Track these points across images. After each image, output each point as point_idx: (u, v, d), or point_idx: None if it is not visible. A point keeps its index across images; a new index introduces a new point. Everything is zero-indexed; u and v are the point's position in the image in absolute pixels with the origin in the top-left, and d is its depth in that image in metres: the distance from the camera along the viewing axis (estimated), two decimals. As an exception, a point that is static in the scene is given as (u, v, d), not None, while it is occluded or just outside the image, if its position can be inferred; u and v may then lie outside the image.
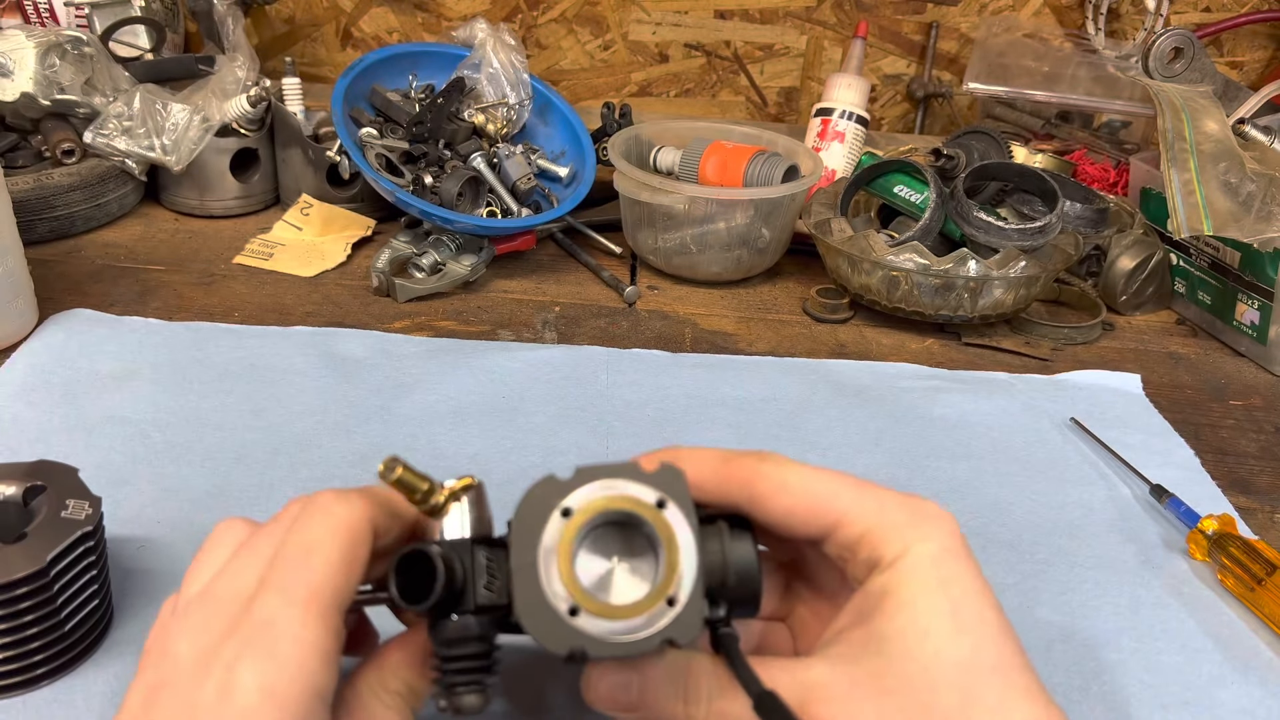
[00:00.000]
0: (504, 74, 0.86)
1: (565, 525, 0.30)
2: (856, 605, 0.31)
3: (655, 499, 0.30)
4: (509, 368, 0.64)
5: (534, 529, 0.30)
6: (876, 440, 0.60)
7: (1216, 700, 0.43)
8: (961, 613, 0.29)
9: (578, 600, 0.29)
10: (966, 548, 0.31)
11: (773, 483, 0.32)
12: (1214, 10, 1.11)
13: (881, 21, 1.14)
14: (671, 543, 0.30)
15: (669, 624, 0.29)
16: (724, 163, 0.82)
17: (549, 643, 0.29)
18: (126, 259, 0.77)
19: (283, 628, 0.27)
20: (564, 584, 0.29)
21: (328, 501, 0.31)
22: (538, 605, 0.29)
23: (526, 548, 0.30)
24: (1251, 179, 0.72)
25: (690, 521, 0.30)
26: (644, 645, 0.29)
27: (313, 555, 0.29)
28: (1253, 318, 0.74)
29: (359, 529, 0.30)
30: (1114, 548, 0.52)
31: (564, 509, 0.30)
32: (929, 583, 0.30)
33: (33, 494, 0.40)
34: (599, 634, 0.29)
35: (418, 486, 0.31)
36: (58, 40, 0.80)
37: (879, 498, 0.32)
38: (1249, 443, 0.64)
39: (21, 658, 0.38)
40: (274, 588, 0.28)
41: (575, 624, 0.29)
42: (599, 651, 0.28)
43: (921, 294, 0.72)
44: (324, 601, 0.28)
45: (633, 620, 0.29)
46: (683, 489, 0.31)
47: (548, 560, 0.29)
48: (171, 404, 0.57)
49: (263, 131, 0.86)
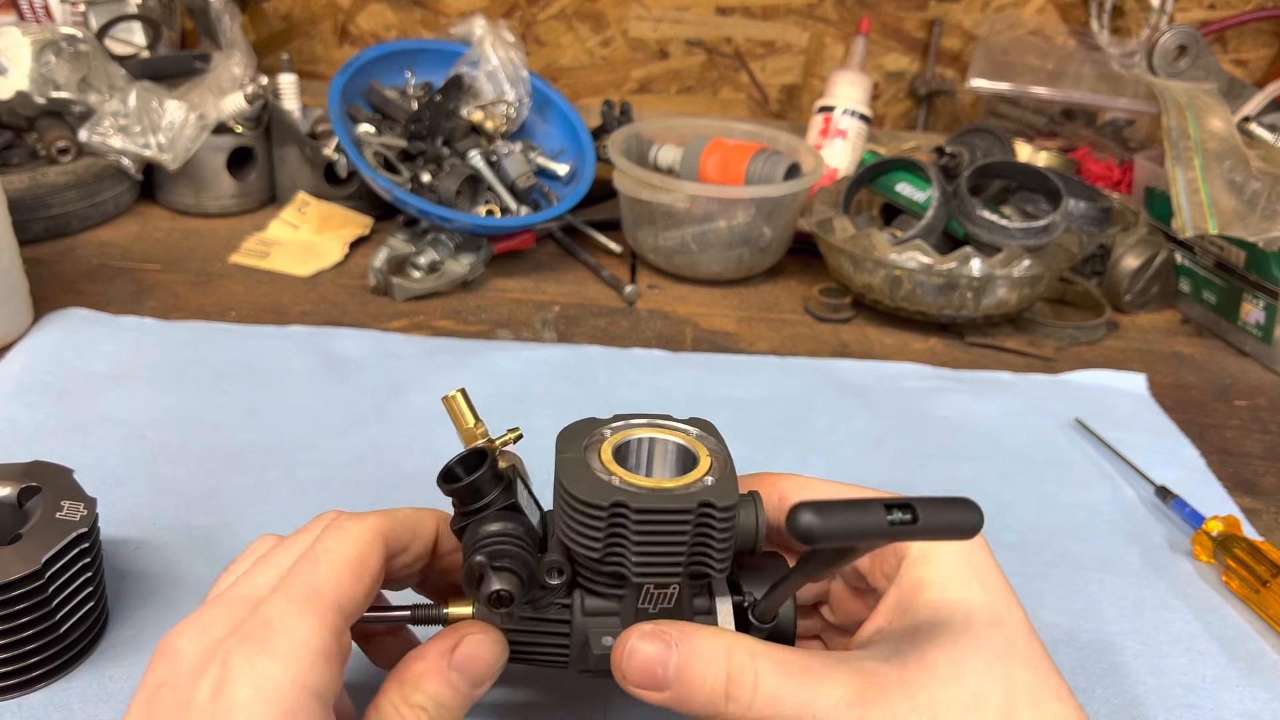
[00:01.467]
0: (503, 71, 0.85)
1: (608, 435, 0.33)
2: (891, 602, 0.32)
3: (688, 429, 0.34)
4: (508, 367, 0.63)
5: (578, 438, 0.32)
6: (879, 441, 0.59)
7: (1221, 703, 0.42)
8: (994, 605, 0.30)
9: (617, 473, 0.31)
10: (987, 545, 0.32)
11: (799, 485, 0.34)
12: (1218, 7, 1.11)
13: (884, 18, 1.14)
14: (705, 450, 0.32)
15: (707, 489, 0.30)
16: (725, 161, 0.81)
17: (589, 494, 0.29)
18: (122, 258, 0.76)
19: (279, 624, 0.27)
20: (605, 465, 0.31)
21: (343, 520, 0.32)
22: (580, 475, 0.30)
23: (571, 448, 0.32)
24: (1257, 177, 0.72)
25: (722, 443, 0.33)
26: (683, 499, 0.29)
27: (320, 559, 0.30)
28: (1258, 317, 0.74)
29: (372, 540, 0.31)
30: (1118, 549, 0.51)
31: (609, 428, 0.33)
32: (962, 573, 0.31)
33: (27, 495, 0.40)
34: (639, 492, 0.30)
35: (471, 418, 0.35)
36: (53, 37, 0.79)
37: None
38: (1254, 443, 0.63)
39: (16, 660, 0.37)
40: (279, 590, 0.29)
41: (616, 483, 0.30)
42: (639, 503, 0.29)
43: (924, 293, 0.72)
44: (324, 601, 0.28)
45: (673, 488, 0.30)
46: (714, 432, 0.34)
47: (589, 452, 0.32)
48: (167, 404, 0.57)
49: (259, 129, 0.86)
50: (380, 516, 0.32)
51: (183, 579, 0.44)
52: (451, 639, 0.31)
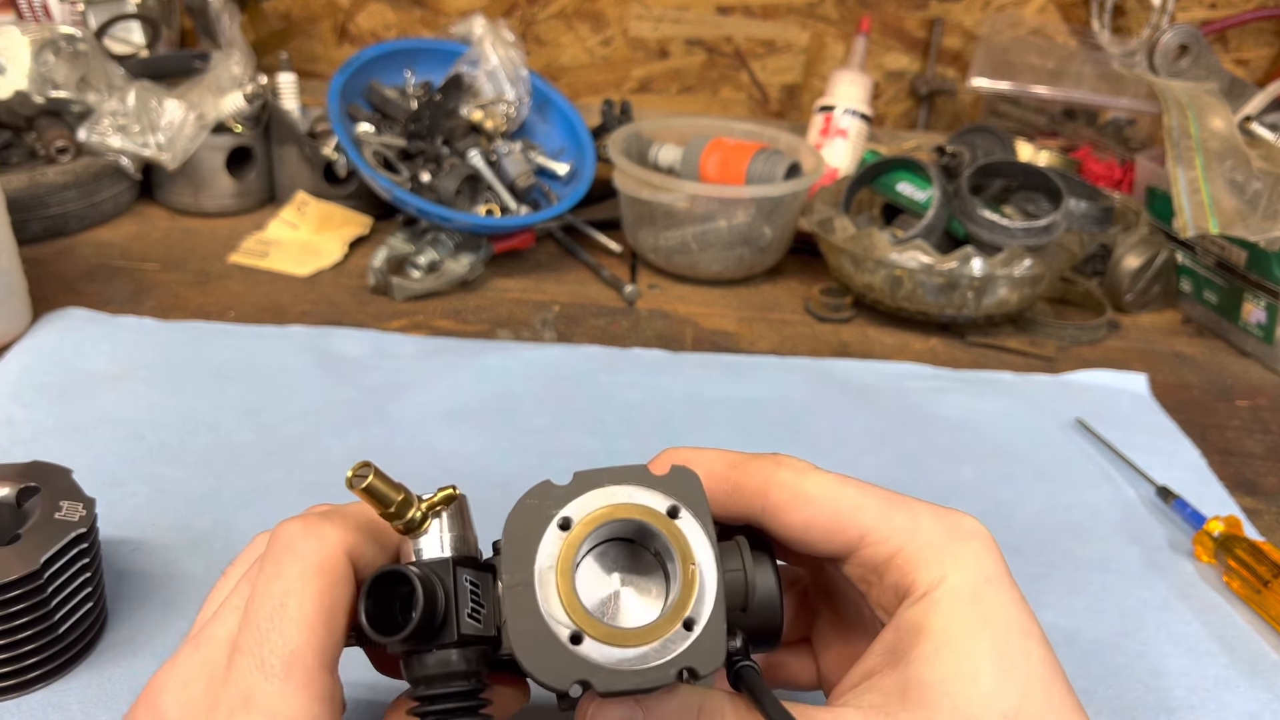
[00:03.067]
0: (502, 70, 0.85)
1: (564, 539, 0.26)
2: (888, 643, 0.28)
3: (667, 507, 0.27)
4: (507, 367, 0.63)
5: (528, 544, 0.26)
6: (880, 441, 0.59)
7: (1223, 703, 0.42)
8: (1007, 654, 0.26)
9: (580, 625, 0.25)
10: (1007, 572, 0.28)
11: (790, 493, 0.29)
12: (1220, 7, 1.11)
13: (884, 18, 1.14)
14: (687, 557, 0.26)
15: (686, 650, 0.25)
16: (725, 160, 0.81)
17: (548, 676, 0.25)
18: (121, 258, 0.76)
19: (261, 704, 0.25)
20: (564, 606, 0.25)
21: (293, 536, 0.27)
22: (534, 632, 0.25)
23: (520, 565, 0.26)
24: (1258, 177, 0.72)
25: (708, 533, 0.27)
26: (657, 676, 0.25)
27: (284, 612, 0.26)
28: (1259, 317, 0.74)
29: (336, 567, 0.27)
30: (1119, 550, 0.51)
31: (562, 519, 0.27)
32: (970, 620, 0.27)
33: (26, 495, 0.40)
34: (606, 663, 0.25)
35: (391, 498, 0.28)
36: (52, 36, 0.79)
37: (910, 513, 0.29)
38: (1255, 443, 0.63)
39: (15, 660, 0.37)
40: (247, 652, 0.26)
41: (578, 653, 0.25)
42: (607, 684, 0.25)
43: (925, 293, 0.72)
44: (307, 668, 0.25)
45: (645, 647, 0.25)
46: (699, 495, 0.27)
47: (544, 579, 0.26)
48: (166, 404, 0.57)
49: (258, 129, 0.86)
50: (340, 530, 0.28)
51: (181, 579, 0.44)
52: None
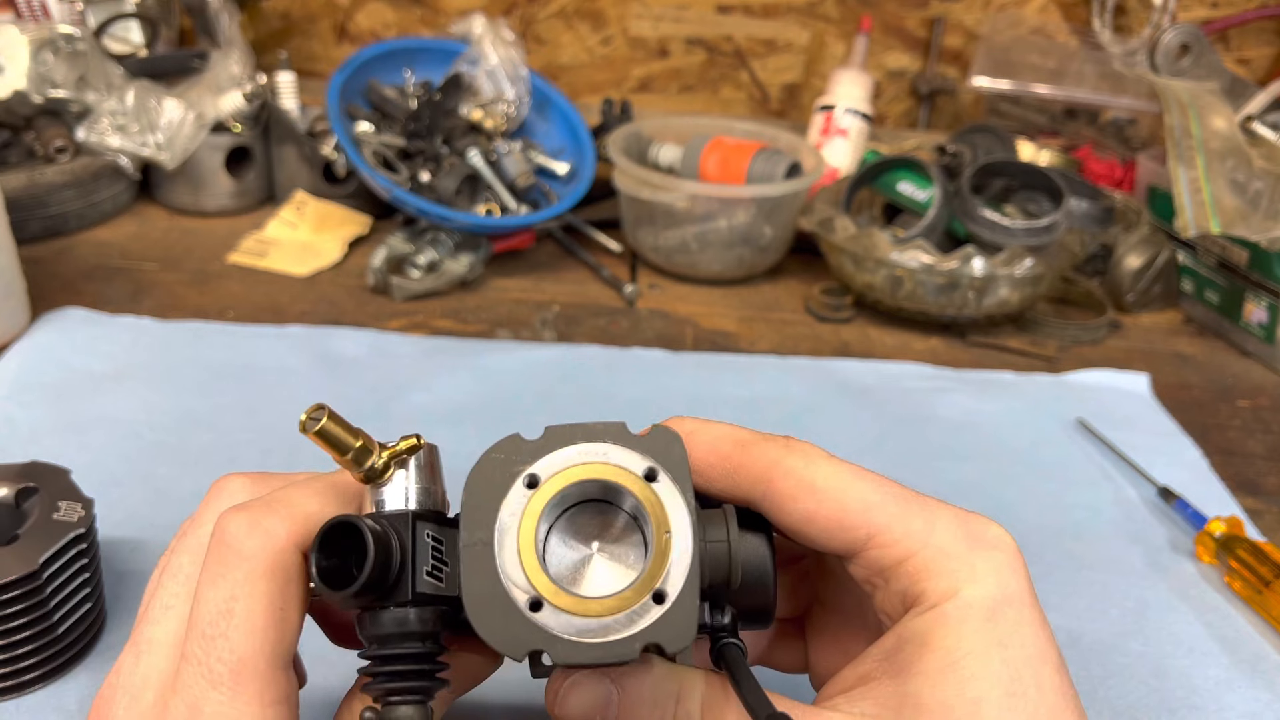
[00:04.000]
0: (502, 69, 0.85)
1: (530, 497, 0.24)
2: (888, 649, 0.26)
3: (644, 469, 0.25)
4: (507, 367, 0.63)
5: (490, 501, 0.24)
6: (881, 441, 0.59)
7: (1224, 704, 0.42)
8: (1018, 682, 0.24)
9: (540, 590, 0.24)
10: (1030, 589, 0.26)
11: (795, 481, 0.26)
12: (1221, 6, 1.10)
13: (885, 17, 1.13)
14: (661, 524, 0.24)
15: (653, 624, 0.23)
16: (725, 159, 0.81)
17: (501, 644, 0.23)
18: (120, 258, 0.76)
19: (210, 716, 0.24)
20: (524, 569, 0.24)
21: (238, 534, 0.25)
22: (489, 595, 0.24)
23: (479, 524, 0.24)
24: (1259, 177, 0.71)
25: (686, 499, 0.25)
26: (620, 650, 0.23)
27: (231, 617, 0.24)
28: (1261, 317, 0.74)
29: (284, 564, 0.25)
30: (1121, 550, 0.51)
31: (529, 476, 0.25)
32: (982, 641, 0.24)
33: (24, 496, 0.40)
34: (565, 634, 0.23)
35: (347, 444, 0.26)
36: (51, 36, 0.79)
37: (928, 516, 0.26)
38: (1257, 444, 0.63)
39: (13, 661, 0.37)
40: (193, 660, 0.24)
41: (535, 619, 0.23)
42: (563, 656, 0.23)
43: (926, 293, 0.72)
44: (259, 674, 0.24)
45: (608, 619, 0.23)
46: (679, 457, 0.25)
47: (505, 540, 0.24)
48: (165, 404, 0.56)
49: (257, 128, 0.85)
50: (288, 521, 0.26)
51: (180, 580, 0.44)
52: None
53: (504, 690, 0.39)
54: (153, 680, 0.25)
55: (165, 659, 0.25)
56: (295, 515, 0.26)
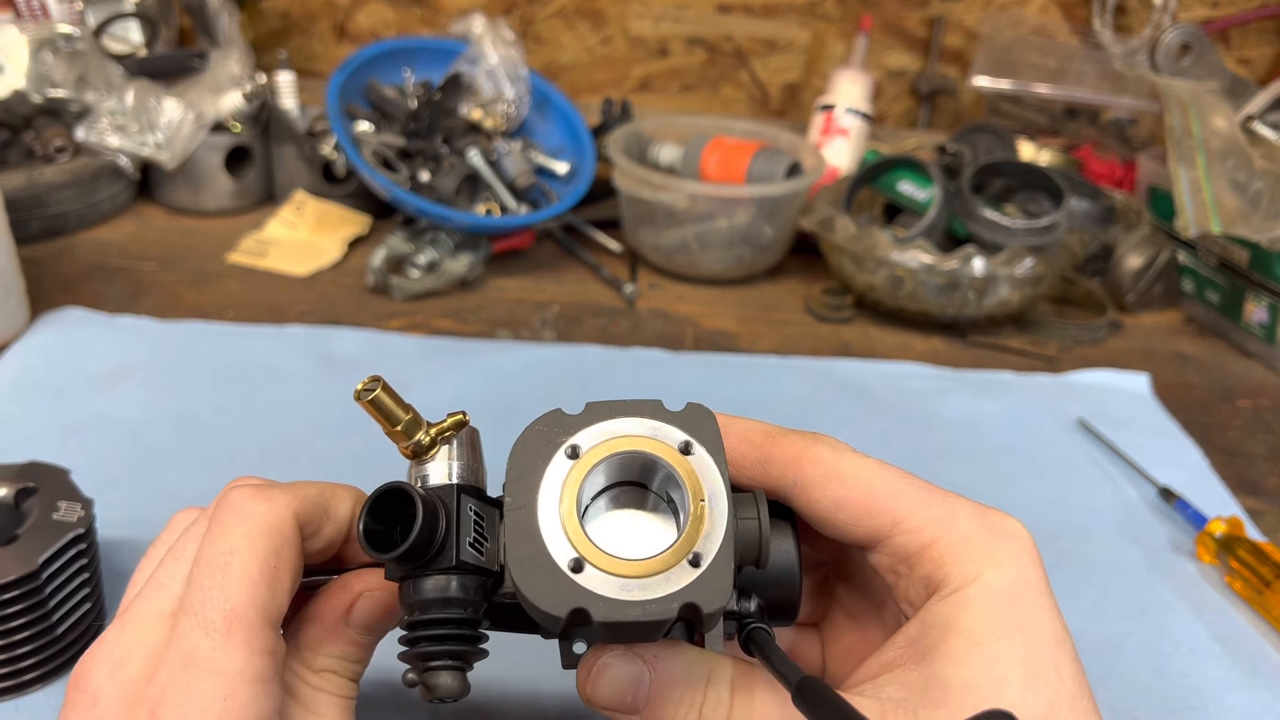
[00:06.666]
0: (502, 69, 0.85)
1: (572, 466, 0.25)
2: (912, 635, 0.27)
3: (680, 441, 0.26)
4: (507, 367, 0.63)
5: (533, 469, 0.25)
6: (881, 441, 0.59)
7: (1225, 704, 0.42)
8: (1039, 664, 0.25)
9: (582, 552, 0.24)
10: (1045, 579, 0.27)
11: (824, 469, 0.27)
12: (1222, 6, 1.10)
13: (885, 16, 1.13)
14: (697, 492, 0.25)
15: (690, 585, 0.24)
16: (725, 159, 0.81)
17: (544, 601, 0.24)
18: (119, 257, 0.76)
19: (203, 661, 0.24)
20: (565, 532, 0.25)
21: (242, 499, 0.27)
22: (533, 556, 0.24)
23: (524, 490, 0.25)
24: (1260, 176, 0.71)
25: (721, 470, 0.26)
26: (659, 609, 0.24)
27: (229, 569, 0.25)
28: (1261, 317, 0.74)
29: (282, 529, 0.27)
30: (1121, 550, 0.51)
31: (570, 448, 0.26)
32: (1004, 623, 0.25)
33: (24, 496, 0.40)
34: (605, 593, 0.24)
35: (398, 415, 0.27)
36: (50, 35, 0.79)
37: (950, 506, 0.27)
38: (1258, 444, 0.63)
39: (13, 661, 0.37)
40: (190, 611, 0.25)
41: (578, 580, 0.24)
42: (605, 614, 0.24)
43: (926, 292, 0.72)
44: (249, 624, 0.25)
45: (647, 579, 0.24)
46: (713, 433, 0.26)
47: (547, 505, 0.25)
48: (164, 404, 0.56)
49: (257, 128, 0.85)
50: (289, 495, 0.27)
51: (179, 581, 0.44)
52: (345, 599, 0.29)
53: (520, 694, 0.39)
54: (139, 650, 0.26)
55: (154, 630, 0.26)
56: (297, 493, 0.28)
